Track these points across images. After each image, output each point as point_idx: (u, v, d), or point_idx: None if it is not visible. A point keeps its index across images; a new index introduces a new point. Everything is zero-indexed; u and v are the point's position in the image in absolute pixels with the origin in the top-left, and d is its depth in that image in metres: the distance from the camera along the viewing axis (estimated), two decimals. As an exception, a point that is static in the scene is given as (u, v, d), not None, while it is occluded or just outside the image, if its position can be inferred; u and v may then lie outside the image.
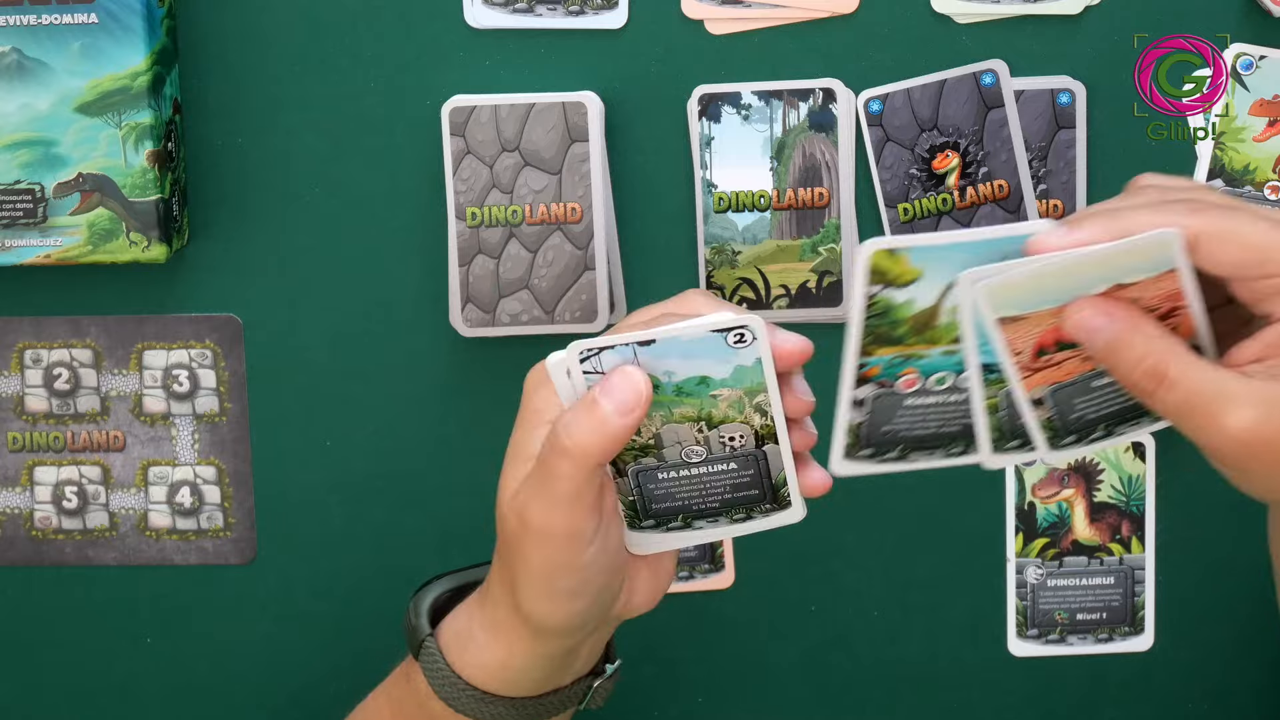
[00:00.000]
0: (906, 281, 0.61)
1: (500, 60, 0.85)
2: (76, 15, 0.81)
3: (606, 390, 0.63)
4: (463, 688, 0.70)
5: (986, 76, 0.84)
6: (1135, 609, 0.89)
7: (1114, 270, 0.61)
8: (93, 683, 0.92)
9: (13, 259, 0.84)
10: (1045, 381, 0.63)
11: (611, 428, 0.62)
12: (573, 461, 0.63)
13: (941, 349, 0.63)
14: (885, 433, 0.65)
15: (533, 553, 0.65)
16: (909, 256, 0.61)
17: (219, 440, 0.90)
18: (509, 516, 0.66)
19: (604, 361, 0.63)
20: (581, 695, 0.72)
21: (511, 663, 0.69)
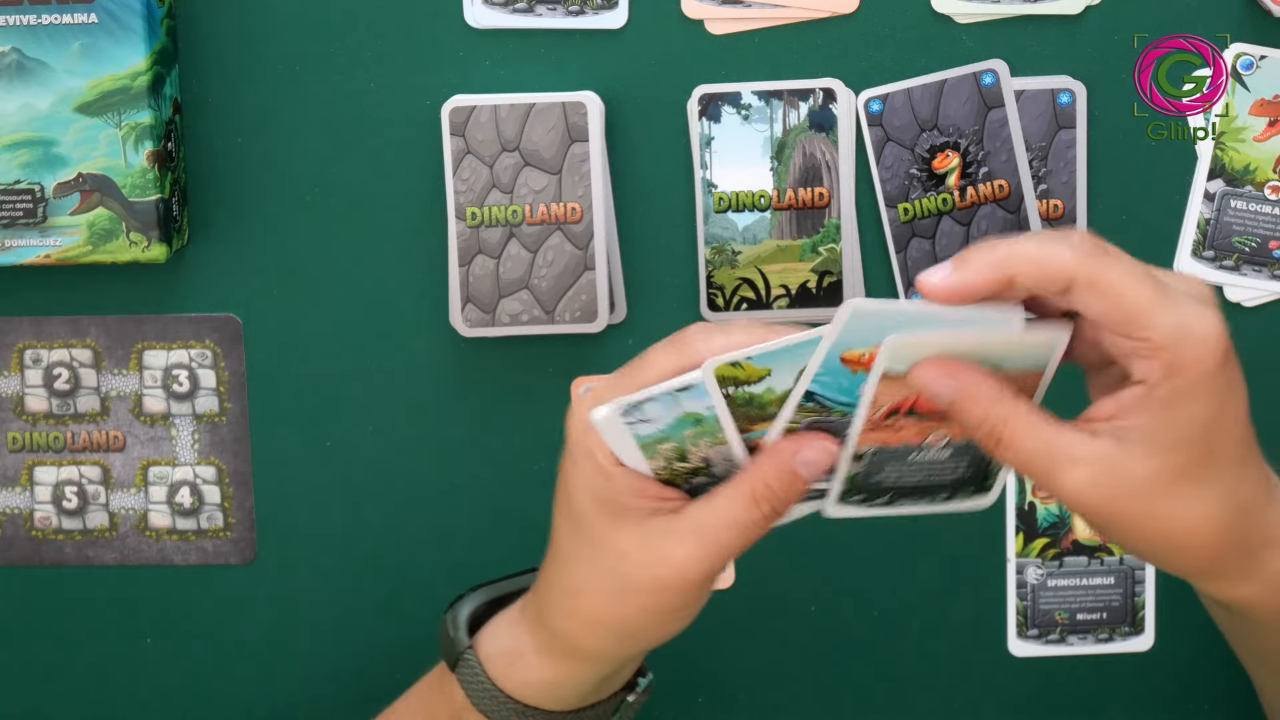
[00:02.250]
0: (758, 379, 0.62)
1: (500, 60, 0.85)
2: (76, 15, 0.81)
3: (803, 460, 0.64)
4: (504, 701, 0.70)
5: (986, 76, 0.84)
6: (1135, 609, 0.89)
7: (1004, 357, 0.62)
8: (93, 683, 0.92)
9: (13, 259, 0.84)
10: (876, 441, 0.64)
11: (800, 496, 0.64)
12: (766, 515, 0.64)
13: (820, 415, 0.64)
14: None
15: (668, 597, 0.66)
16: (752, 363, 0.62)
17: (219, 440, 0.90)
18: (644, 562, 0.65)
19: (647, 411, 0.64)
20: (614, 708, 0.73)
21: (562, 682, 0.69)
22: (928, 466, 0.66)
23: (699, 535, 0.64)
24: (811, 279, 0.86)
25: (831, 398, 0.63)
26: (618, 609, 0.67)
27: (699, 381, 0.62)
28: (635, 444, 0.65)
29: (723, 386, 0.63)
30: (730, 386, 0.63)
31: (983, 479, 0.67)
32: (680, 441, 0.65)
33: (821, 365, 0.62)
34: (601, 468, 0.65)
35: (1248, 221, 0.85)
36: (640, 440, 0.65)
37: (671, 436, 0.64)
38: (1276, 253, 0.85)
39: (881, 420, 0.63)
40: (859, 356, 0.62)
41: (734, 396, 0.63)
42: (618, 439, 0.65)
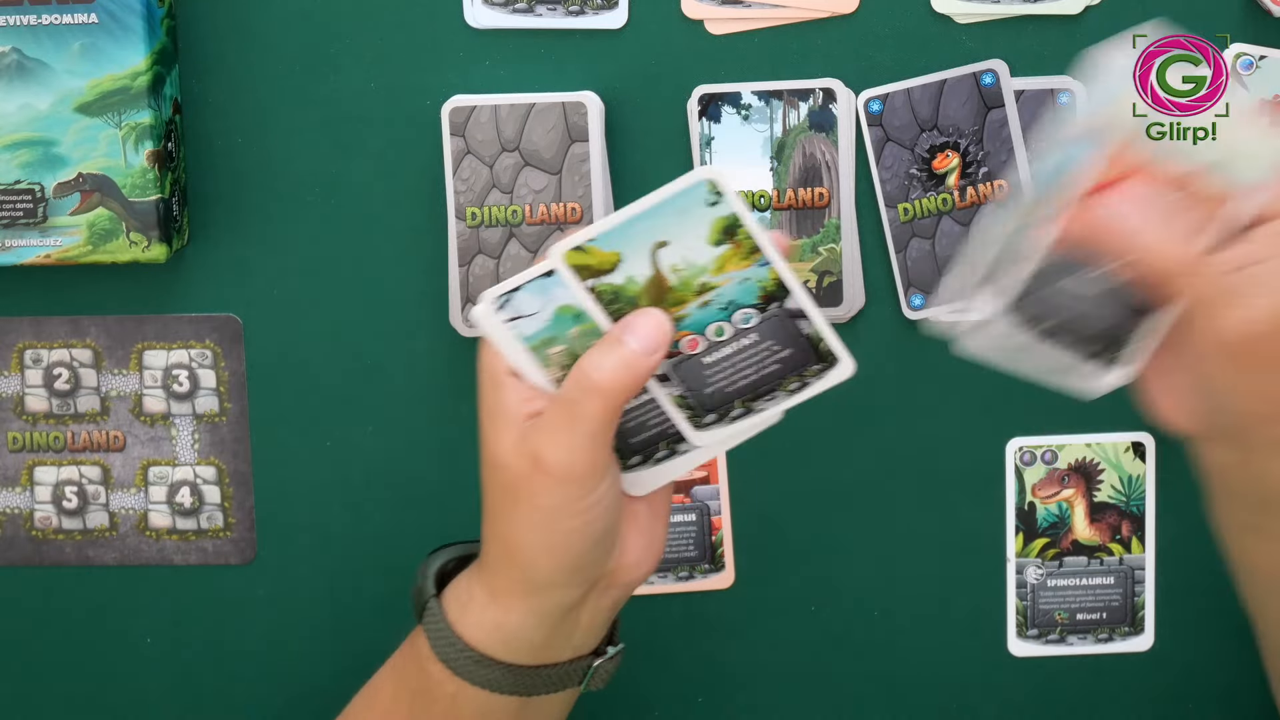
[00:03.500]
0: (613, 266, 0.64)
1: (500, 60, 0.85)
2: (76, 15, 0.81)
3: (631, 329, 0.65)
4: (461, 648, 0.70)
5: (986, 76, 0.84)
6: (1135, 609, 0.89)
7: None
8: (93, 683, 0.92)
9: (13, 259, 0.84)
10: None
11: (639, 365, 0.65)
12: (603, 399, 0.65)
13: (695, 304, 0.66)
14: (711, 394, 0.67)
15: (546, 495, 0.66)
16: (597, 245, 0.64)
17: (219, 440, 0.90)
18: (515, 463, 0.66)
19: (519, 303, 0.65)
20: (581, 675, 0.72)
21: (509, 622, 0.69)
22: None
23: (554, 428, 0.65)
24: (811, 279, 0.86)
25: None
26: (516, 523, 0.67)
27: (557, 267, 0.64)
28: (524, 348, 0.66)
29: (582, 279, 0.64)
30: (589, 278, 0.64)
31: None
32: (569, 343, 0.66)
33: None
34: (493, 379, 0.67)
35: (1248, 221, 0.85)
36: (528, 342, 0.66)
37: (557, 337, 0.66)
38: (1276, 253, 0.85)
39: None
40: None
41: (599, 291, 0.65)
42: (506, 343, 0.66)
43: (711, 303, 0.66)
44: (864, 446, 0.89)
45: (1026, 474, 0.88)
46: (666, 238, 0.64)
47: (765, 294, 0.66)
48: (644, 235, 0.64)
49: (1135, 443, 0.87)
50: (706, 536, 0.90)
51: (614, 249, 0.64)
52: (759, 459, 0.89)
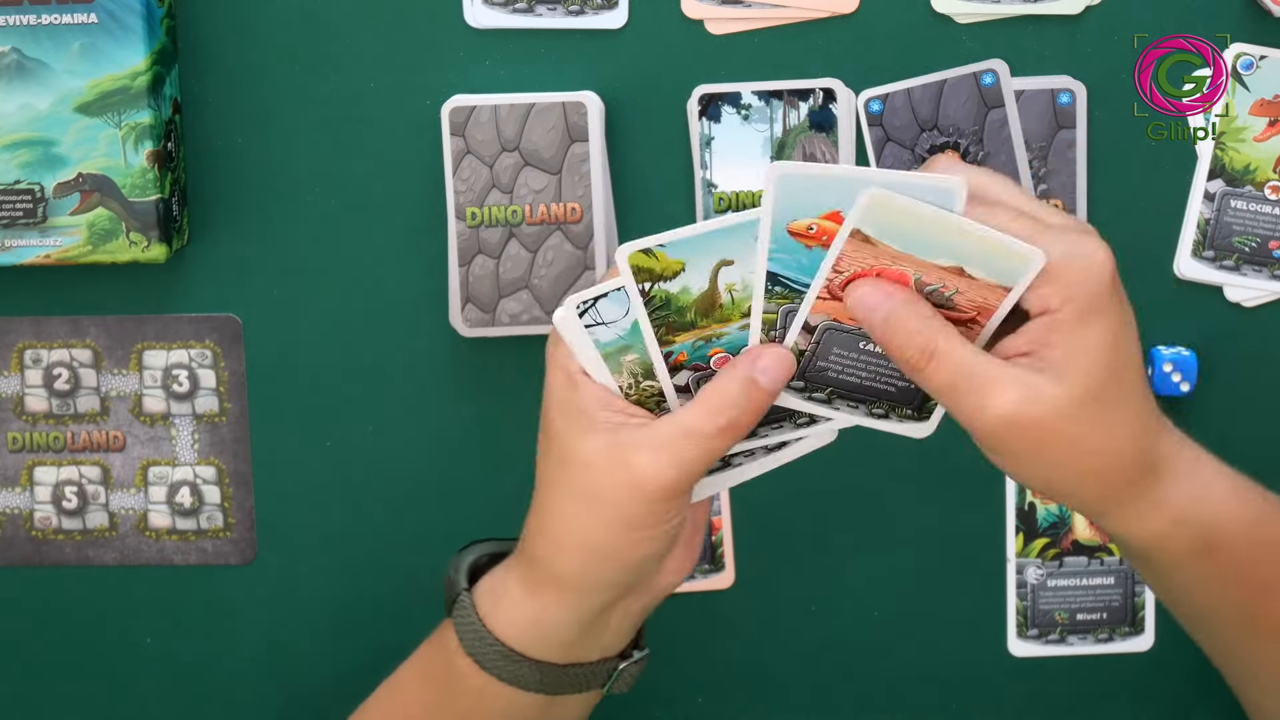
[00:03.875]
0: (674, 274, 0.64)
1: (500, 60, 0.85)
2: (76, 15, 0.81)
3: (761, 368, 0.66)
4: (491, 643, 0.70)
5: (986, 76, 0.84)
6: (1135, 609, 0.89)
7: (974, 256, 0.63)
8: (93, 683, 0.92)
9: (13, 259, 0.84)
10: (829, 313, 0.65)
11: (764, 406, 0.66)
12: (728, 438, 0.66)
13: (737, 325, 0.66)
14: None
15: (634, 505, 0.66)
16: (665, 252, 0.64)
17: (219, 440, 0.90)
18: (606, 468, 0.66)
19: (599, 310, 0.66)
20: (606, 677, 0.73)
21: (544, 619, 0.69)
22: (872, 365, 0.67)
23: (661, 445, 0.65)
24: (811, 279, 0.86)
25: (794, 278, 0.64)
26: (584, 523, 0.67)
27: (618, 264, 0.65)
28: (598, 353, 0.66)
29: (639, 279, 0.64)
30: (646, 280, 0.64)
31: (922, 402, 0.68)
32: (642, 353, 0.66)
33: (771, 240, 0.63)
34: (569, 378, 0.67)
35: (1248, 221, 0.85)
36: (602, 349, 0.66)
37: (632, 345, 0.66)
38: (1276, 253, 0.85)
39: (840, 289, 0.64)
40: (806, 229, 0.63)
41: (652, 296, 0.65)
42: (581, 345, 0.66)
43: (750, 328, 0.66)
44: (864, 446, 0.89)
45: (1026, 474, 0.88)
46: (733, 257, 0.64)
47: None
48: (712, 251, 0.64)
49: (1135, 443, 0.87)
50: (707, 536, 0.90)
51: (679, 258, 0.64)
52: (759, 459, 0.89)
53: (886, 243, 0.63)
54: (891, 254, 0.63)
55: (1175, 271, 0.86)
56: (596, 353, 0.67)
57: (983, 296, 0.64)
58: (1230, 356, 0.86)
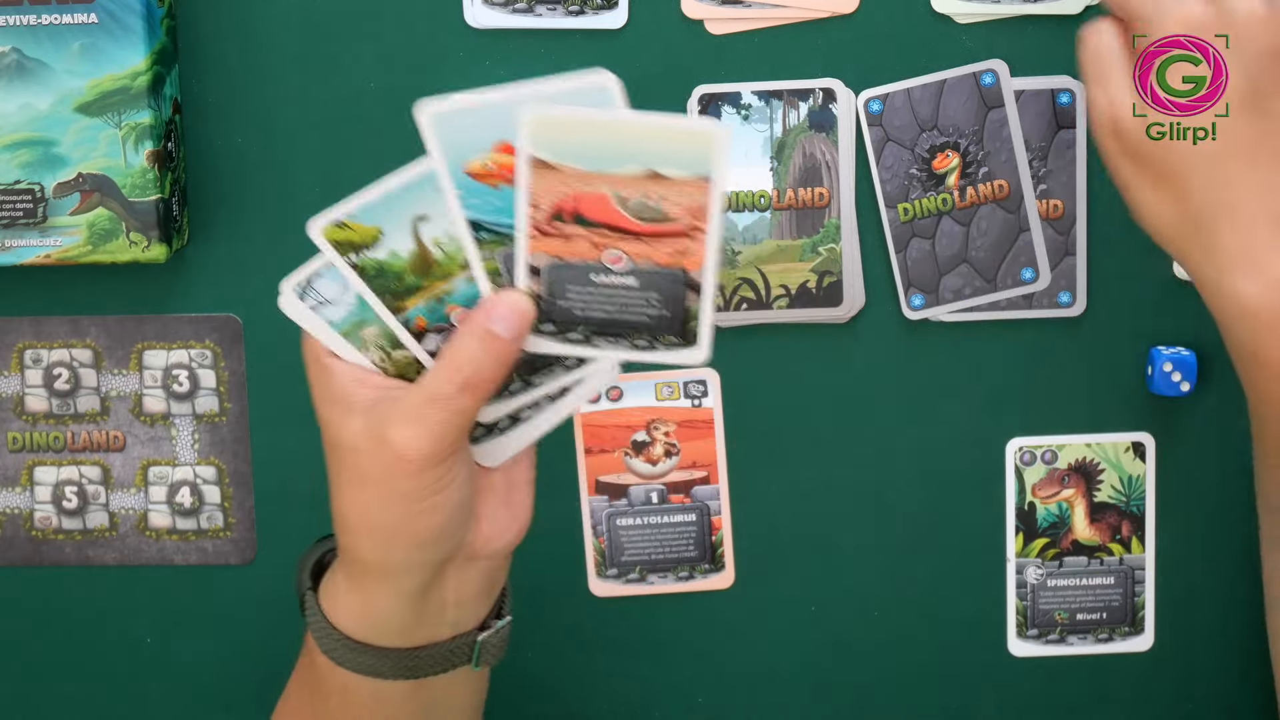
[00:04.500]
0: (374, 240, 0.64)
1: (500, 60, 0.85)
2: (76, 15, 0.81)
3: (496, 316, 0.64)
4: (337, 637, 0.69)
5: (986, 76, 0.84)
6: (1135, 609, 0.89)
7: (660, 154, 0.61)
8: (93, 683, 0.92)
9: (13, 259, 0.84)
10: (549, 251, 0.63)
11: (507, 354, 0.64)
12: (477, 394, 0.64)
13: (462, 278, 0.65)
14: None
15: (402, 480, 0.65)
16: (357, 220, 0.63)
17: (219, 440, 0.90)
18: (368, 448, 0.65)
19: (319, 289, 0.65)
20: (468, 651, 0.71)
21: (371, 608, 0.69)
22: (617, 296, 0.64)
23: (411, 415, 0.64)
24: (811, 279, 0.86)
25: (495, 222, 0.63)
26: (364, 505, 0.66)
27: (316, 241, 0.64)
28: (335, 332, 0.66)
29: (343, 254, 0.64)
30: (351, 253, 0.64)
31: (683, 324, 0.65)
32: (380, 324, 0.66)
33: (456, 187, 0.62)
34: (323, 365, 0.67)
35: (1248, 221, 0.85)
36: (339, 327, 0.66)
37: (367, 319, 0.65)
38: (1276, 253, 0.85)
39: (547, 224, 0.63)
40: (483, 168, 0.62)
41: (363, 267, 0.64)
42: (315, 326, 0.66)
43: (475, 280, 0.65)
44: (864, 446, 0.89)
45: (1026, 474, 0.88)
46: (426, 212, 0.63)
47: None
48: (403, 210, 0.63)
49: (1135, 443, 0.87)
50: (706, 536, 0.90)
51: (374, 224, 0.63)
52: (759, 459, 0.89)
53: (569, 164, 0.61)
54: (579, 175, 0.61)
55: (1175, 271, 0.86)
56: (334, 332, 0.66)
57: (689, 198, 0.62)
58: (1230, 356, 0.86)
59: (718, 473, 0.89)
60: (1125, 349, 0.87)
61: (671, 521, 0.89)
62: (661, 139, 0.61)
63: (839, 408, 0.88)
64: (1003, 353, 0.87)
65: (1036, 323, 0.87)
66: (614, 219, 0.62)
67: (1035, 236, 0.85)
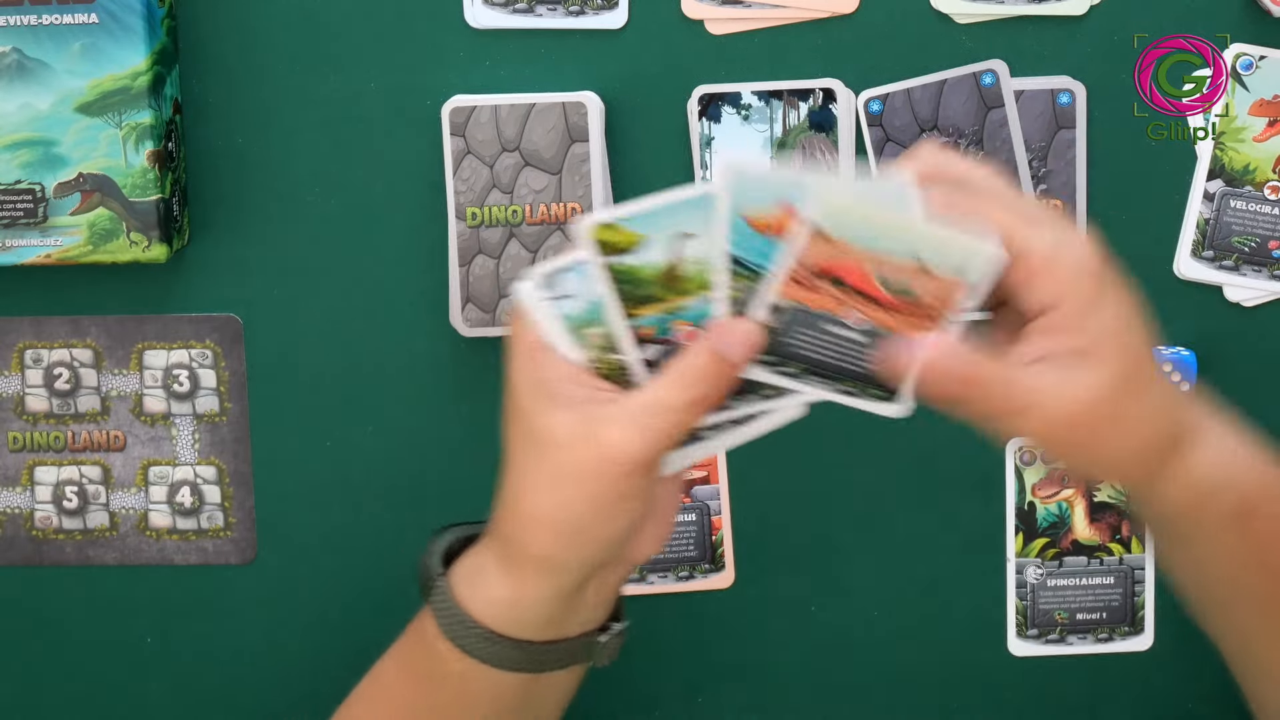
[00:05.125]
0: (634, 246, 0.65)
1: (500, 60, 0.85)
2: (76, 15, 0.81)
3: (728, 341, 0.65)
4: (470, 625, 0.69)
5: (986, 76, 0.84)
6: (1135, 609, 0.89)
7: (932, 253, 0.63)
8: (93, 683, 0.92)
9: (13, 259, 0.84)
10: (795, 298, 0.65)
11: (730, 379, 0.65)
12: (695, 412, 0.65)
13: (700, 298, 0.66)
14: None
15: (607, 480, 0.65)
16: (626, 225, 0.64)
17: (219, 440, 0.90)
18: (577, 445, 0.66)
19: (561, 283, 0.66)
20: (589, 651, 0.72)
21: (522, 598, 0.69)
22: (840, 344, 0.66)
23: (631, 418, 0.65)
24: (811, 279, 0.86)
25: (753, 261, 0.64)
26: (556, 499, 0.66)
27: (580, 238, 0.65)
28: (564, 328, 0.66)
29: (604, 254, 0.64)
30: (610, 254, 0.64)
31: None
32: (606, 326, 0.66)
33: (729, 227, 0.64)
34: (534, 353, 0.66)
35: (1247, 221, 0.85)
36: (569, 323, 0.66)
37: (596, 319, 0.66)
38: (1276, 253, 0.85)
39: (806, 277, 0.64)
40: (765, 222, 0.64)
41: (615, 270, 0.65)
42: (547, 320, 0.66)
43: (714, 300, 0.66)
44: (864, 447, 0.89)
45: (1026, 474, 0.88)
46: (693, 230, 0.64)
47: None
48: (671, 224, 0.64)
49: (1135, 443, 0.87)
50: (706, 536, 0.90)
51: (640, 231, 0.64)
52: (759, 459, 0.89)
53: (845, 240, 0.63)
54: (851, 251, 0.63)
55: (1175, 271, 0.86)
56: (561, 326, 0.66)
57: (943, 289, 0.64)
58: (1230, 356, 0.86)
59: (718, 473, 0.89)
60: (1125, 349, 0.87)
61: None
62: (939, 243, 0.63)
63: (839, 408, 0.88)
64: (1003, 353, 0.87)
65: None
66: (868, 288, 0.65)
67: (1035, 236, 0.85)
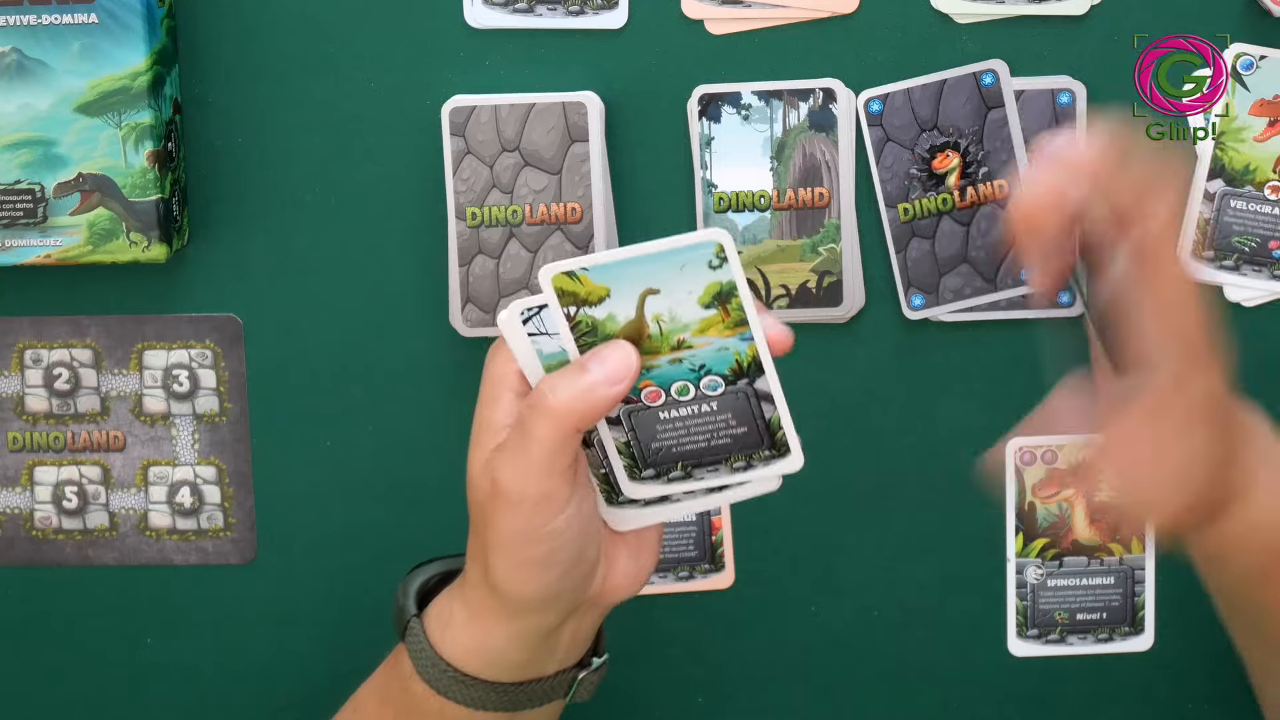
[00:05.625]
0: (599, 299, 0.64)
1: (500, 60, 0.85)
2: (76, 15, 0.81)
3: (599, 358, 0.64)
4: (444, 669, 0.69)
5: (986, 76, 0.84)
6: (1135, 609, 0.89)
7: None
8: (93, 683, 0.92)
9: (13, 259, 0.84)
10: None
11: (597, 395, 0.64)
12: (553, 422, 0.64)
13: (667, 358, 0.65)
14: (657, 450, 0.67)
15: (504, 519, 0.65)
16: (589, 275, 0.63)
17: (219, 440, 0.90)
18: (481, 483, 0.66)
19: (545, 321, 0.65)
20: (566, 688, 0.72)
21: (489, 643, 0.69)
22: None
23: (509, 447, 0.65)
24: (811, 279, 0.86)
25: None
26: (485, 539, 0.67)
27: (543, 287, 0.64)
28: (539, 363, 0.66)
29: (564, 304, 0.64)
30: (572, 305, 0.64)
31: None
32: None
33: None
34: (494, 394, 0.66)
35: (1247, 221, 0.85)
36: (544, 360, 0.66)
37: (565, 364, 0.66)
38: (1276, 253, 0.85)
39: None
40: None
41: (577, 321, 0.64)
42: (521, 349, 0.66)
43: (683, 361, 0.65)
44: (864, 446, 0.89)
45: (1026, 474, 0.88)
46: (659, 286, 0.64)
47: (738, 367, 0.65)
48: (638, 279, 0.64)
49: (1135, 443, 0.87)
50: (706, 536, 0.90)
51: (604, 283, 0.64)
52: (759, 459, 0.89)
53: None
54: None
55: (1175, 271, 0.86)
56: (537, 362, 0.66)
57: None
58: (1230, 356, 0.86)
59: (718, 473, 0.89)
60: (1125, 349, 0.87)
61: (671, 522, 0.89)
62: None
63: (839, 408, 0.88)
64: (1003, 353, 0.87)
65: (1036, 323, 0.87)
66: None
67: (1035, 236, 0.85)
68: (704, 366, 0.65)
